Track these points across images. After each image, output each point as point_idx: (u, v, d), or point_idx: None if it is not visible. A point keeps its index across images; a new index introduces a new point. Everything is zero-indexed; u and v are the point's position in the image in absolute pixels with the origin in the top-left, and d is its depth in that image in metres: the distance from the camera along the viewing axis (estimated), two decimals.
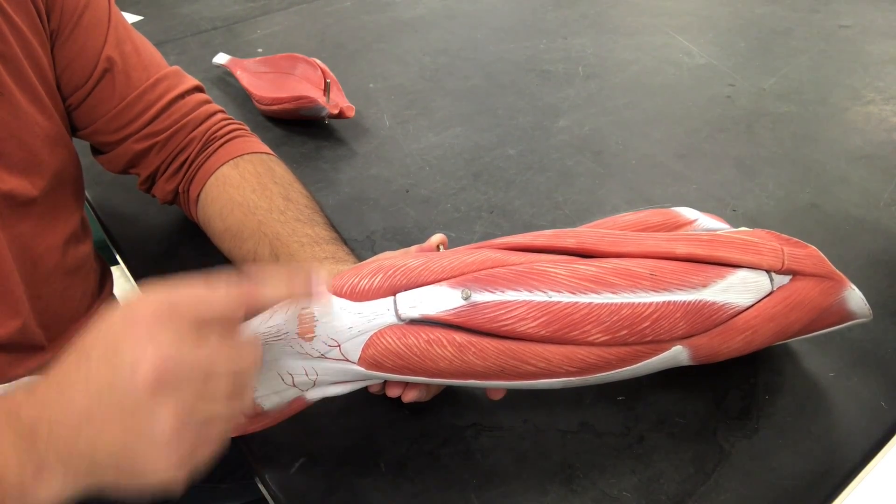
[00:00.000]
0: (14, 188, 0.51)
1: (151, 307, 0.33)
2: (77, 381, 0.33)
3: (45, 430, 0.33)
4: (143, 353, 0.32)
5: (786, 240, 0.46)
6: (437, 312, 0.40)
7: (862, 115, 0.81)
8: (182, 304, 0.34)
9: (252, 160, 0.61)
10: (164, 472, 0.33)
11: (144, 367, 0.31)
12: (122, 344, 0.32)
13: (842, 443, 0.46)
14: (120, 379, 0.31)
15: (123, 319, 0.33)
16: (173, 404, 0.32)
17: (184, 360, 0.32)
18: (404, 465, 0.46)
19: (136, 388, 0.31)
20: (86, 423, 0.32)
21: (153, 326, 0.32)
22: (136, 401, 0.31)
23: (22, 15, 0.51)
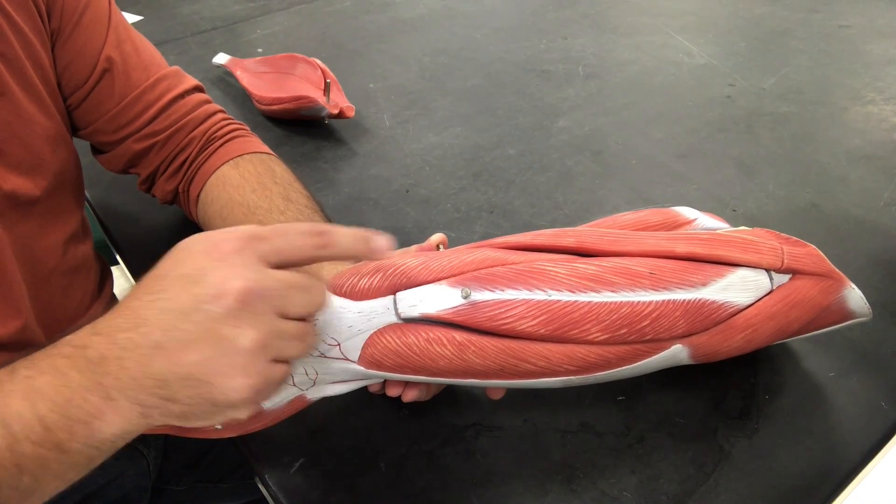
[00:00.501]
0: (16, 188, 0.51)
1: (234, 238, 0.35)
2: (150, 313, 0.34)
3: (114, 364, 0.34)
4: (227, 278, 0.34)
5: (785, 239, 0.46)
6: (436, 311, 0.40)
7: (862, 115, 0.81)
8: (263, 236, 0.36)
9: (252, 160, 0.61)
10: (241, 391, 0.34)
11: (230, 292, 0.33)
12: (206, 271, 0.34)
13: (842, 443, 0.46)
14: (203, 303, 0.33)
15: (205, 249, 0.35)
16: (254, 326, 0.34)
17: (265, 287, 0.35)
18: (404, 465, 0.46)
19: (221, 311, 0.33)
20: (160, 351, 0.33)
21: (236, 255, 0.35)
22: (221, 322, 0.33)
23: (23, 15, 0.51)
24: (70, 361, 0.34)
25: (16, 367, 0.35)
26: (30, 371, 0.34)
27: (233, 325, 0.34)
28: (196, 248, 0.36)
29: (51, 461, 0.34)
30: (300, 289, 0.37)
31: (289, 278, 0.36)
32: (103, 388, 0.34)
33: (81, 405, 0.34)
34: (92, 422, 0.34)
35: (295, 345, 0.37)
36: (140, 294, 0.35)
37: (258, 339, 0.34)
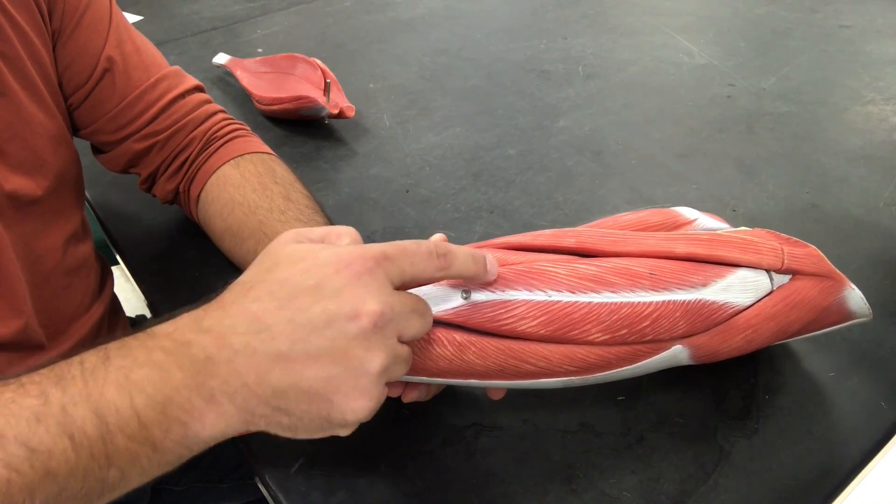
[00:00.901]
0: (18, 188, 0.51)
1: (368, 257, 0.35)
2: (276, 320, 0.33)
3: (223, 366, 0.33)
4: (364, 299, 0.34)
5: (785, 239, 0.46)
6: (437, 311, 0.40)
7: (862, 115, 0.81)
8: (392, 257, 0.36)
9: (253, 160, 0.61)
10: (360, 412, 0.35)
11: (367, 313, 0.33)
12: (342, 288, 0.34)
13: (842, 443, 0.46)
14: (338, 320, 0.33)
15: (335, 264, 0.34)
16: (383, 350, 0.34)
17: (395, 311, 0.35)
18: (404, 465, 0.46)
19: (356, 331, 0.33)
20: (283, 361, 0.33)
21: (369, 276, 0.34)
22: (353, 342, 0.33)
23: (24, 15, 0.51)
24: (172, 358, 0.33)
25: (109, 355, 0.34)
26: (125, 361, 0.34)
27: (364, 347, 0.34)
28: (322, 259, 0.35)
29: (141, 457, 0.33)
30: (419, 313, 0.37)
31: (412, 303, 0.37)
32: (208, 389, 0.33)
33: (182, 405, 0.33)
34: (190, 422, 0.33)
35: (402, 368, 0.37)
36: (260, 296, 0.34)
37: (384, 363, 0.34)
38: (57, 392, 0.33)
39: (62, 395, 0.33)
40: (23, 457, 0.31)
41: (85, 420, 0.32)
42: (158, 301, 0.61)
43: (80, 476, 0.32)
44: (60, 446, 0.32)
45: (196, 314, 0.35)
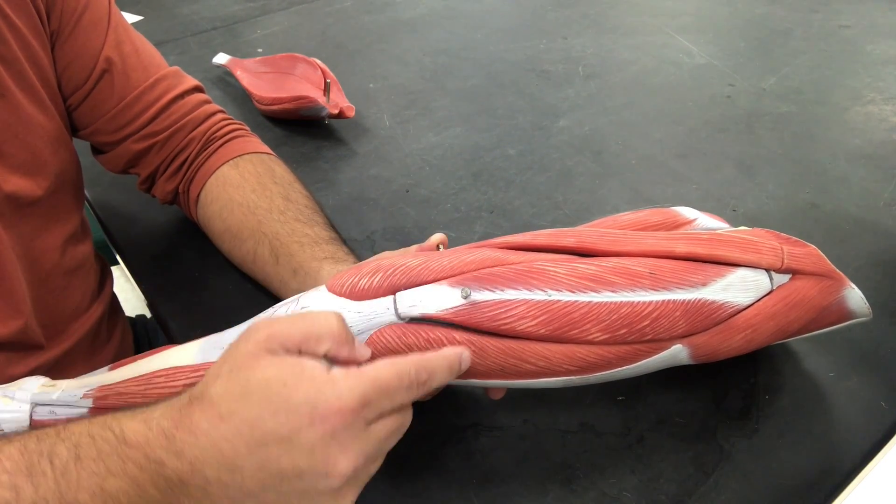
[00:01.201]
0: (17, 189, 0.51)
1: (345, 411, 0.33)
2: (246, 463, 0.33)
3: (197, 491, 0.33)
4: (337, 461, 0.33)
5: (785, 239, 0.46)
6: (436, 311, 0.40)
7: (862, 115, 0.81)
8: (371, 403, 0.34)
9: (252, 160, 0.61)
10: None
11: (338, 474, 0.33)
12: (314, 446, 0.32)
13: (842, 443, 0.46)
14: (307, 477, 0.33)
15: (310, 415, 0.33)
16: (356, 491, 0.35)
17: (369, 456, 0.34)
18: (404, 465, 0.46)
19: (325, 489, 0.33)
20: (255, 498, 0.33)
21: (344, 430, 0.33)
22: (322, 497, 0.34)
23: (22, 16, 0.51)
24: (146, 476, 0.33)
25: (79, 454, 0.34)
26: (97, 467, 0.34)
27: (334, 497, 0.34)
28: (295, 405, 0.33)
29: None
30: (395, 436, 0.37)
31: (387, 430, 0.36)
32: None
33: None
34: None
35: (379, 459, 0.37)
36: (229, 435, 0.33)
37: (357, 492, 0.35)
38: (29, 488, 0.33)
39: (34, 492, 0.33)
40: None
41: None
42: (158, 301, 0.61)
43: None
44: None
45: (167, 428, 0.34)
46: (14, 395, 0.42)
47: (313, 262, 0.52)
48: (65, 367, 0.57)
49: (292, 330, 0.35)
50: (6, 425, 0.41)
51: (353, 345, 0.37)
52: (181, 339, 0.49)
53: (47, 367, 0.55)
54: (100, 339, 0.62)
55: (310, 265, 0.52)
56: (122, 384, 0.42)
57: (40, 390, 0.42)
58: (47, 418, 0.41)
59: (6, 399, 0.41)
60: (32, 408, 0.41)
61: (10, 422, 0.41)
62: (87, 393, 0.42)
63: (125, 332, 0.68)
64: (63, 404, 0.42)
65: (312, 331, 0.35)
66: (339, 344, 0.36)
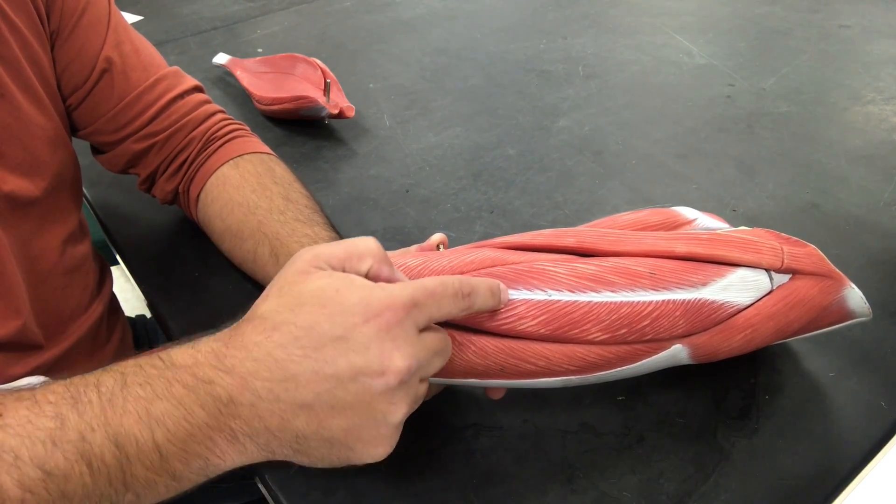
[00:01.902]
0: (16, 189, 0.51)
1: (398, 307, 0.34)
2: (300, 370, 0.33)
3: (246, 409, 0.33)
4: (391, 356, 0.33)
5: (785, 239, 0.46)
6: None
7: (862, 115, 0.81)
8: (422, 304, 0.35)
9: (252, 160, 0.61)
10: (379, 457, 0.35)
11: (394, 371, 0.33)
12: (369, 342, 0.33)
13: (842, 443, 0.46)
14: (364, 376, 0.33)
15: (364, 313, 0.33)
16: (406, 402, 0.35)
17: (421, 361, 0.35)
18: (404, 465, 0.46)
19: (381, 387, 0.33)
20: (307, 410, 0.33)
21: (398, 328, 0.34)
22: (378, 397, 0.33)
23: (22, 16, 0.51)
24: (192, 394, 0.33)
25: (126, 381, 0.34)
26: (144, 391, 0.33)
27: (389, 401, 0.34)
28: (349, 306, 0.33)
29: (159, 484, 0.33)
30: (442, 353, 0.37)
31: (436, 345, 0.36)
32: (230, 430, 0.33)
33: (204, 441, 0.33)
34: (211, 457, 0.34)
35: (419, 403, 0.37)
36: (284, 342, 0.33)
37: (406, 413, 0.35)
38: (73, 416, 0.33)
39: (79, 419, 0.33)
40: (38, 479, 0.31)
41: (103, 448, 0.32)
42: (158, 301, 0.61)
43: (95, 500, 0.32)
44: (77, 471, 0.32)
45: (216, 348, 0.34)
46: None
47: None
48: (64, 367, 0.57)
49: (335, 250, 0.36)
50: None
51: (393, 266, 0.38)
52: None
53: (47, 367, 0.55)
54: (99, 339, 0.62)
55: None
56: None
57: None
58: None
59: None
60: None
61: None
62: None
63: (125, 332, 0.68)
64: None
65: (355, 250, 0.37)
66: (379, 262, 0.37)
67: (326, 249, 0.36)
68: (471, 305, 0.38)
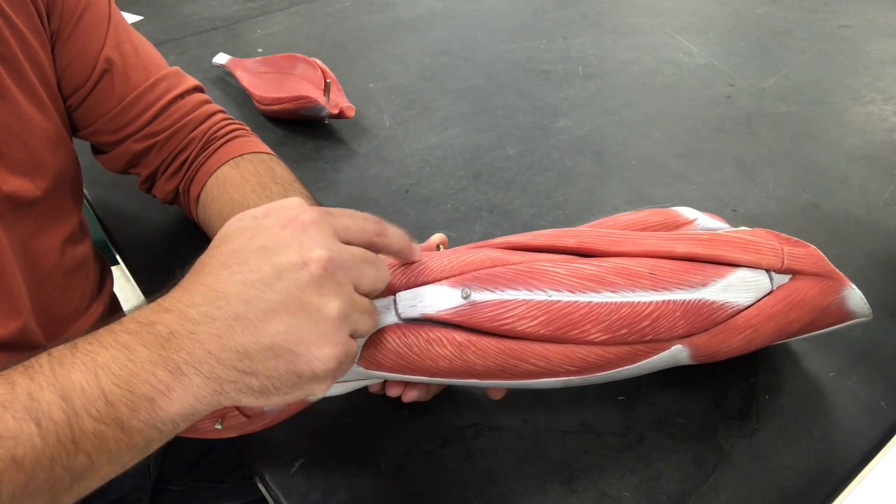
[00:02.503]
0: (16, 189, 0.51)
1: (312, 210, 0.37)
2: (229, 286, 0.34)
3: (186, 339, 0.33)
4: (311, 247, 0.35)
5: (785, 239, 0.46)
6: (436, 311, 0.40)
7: (862, 115, 0.81)
8: (335, 213, 0.38)
9: (252, 160, 0.61)
10: (327, 360, 0.35)
11: (315, 259, 0.35)
12: (289, 241, 0.35)
13: (842, 443, 0.46)
14: (288, 272, 0.34)
15: (281, 222, 0.36)
16: (338, 295, 0.35)
17: (343, 258, 0.36)
18: (404, 465, 0.46)
19: (307, 279, 0.34)
20: (242, 322, 0.33)
21: (314, 227, 0.36)
22: (306, 290, 0.34)
23: (22, 16, 0.51)
24: (136, 337, 0.34)
25: (77, 343, 0.35)
26: (91, 346, 0.34)
27: (318, 293, 0.34)
28: (267, 223, 0.36)
29: (109, 439, 0.33)
30: (370, 263, 0.38)
31: (361, 252, 0.38)
32: (173, 363, 0.33)
33: (148, 380, 0.33)
34: (157, 398, 0.33)
35: (366, 319, 0.38)
36: (213, 270, 0.35)
37: (342, 308, 0.35)
38: (24, 380, 0.33)
39: (29, 382, 0.33)
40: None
41: (51, 404, 0.32)
42: None
43: (46, 464, 0.32)
44: (26, 431, 0.31)
45: (158, 299, 0.36)
46: None
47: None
48: None
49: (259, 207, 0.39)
50: None
51: None
52: None
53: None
54: None
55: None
56: None
57: None
58: None
59: None
60: None
61: None
62: None
63: None
64: None
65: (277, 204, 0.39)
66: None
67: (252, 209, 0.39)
68: (382, 232, 0.39)
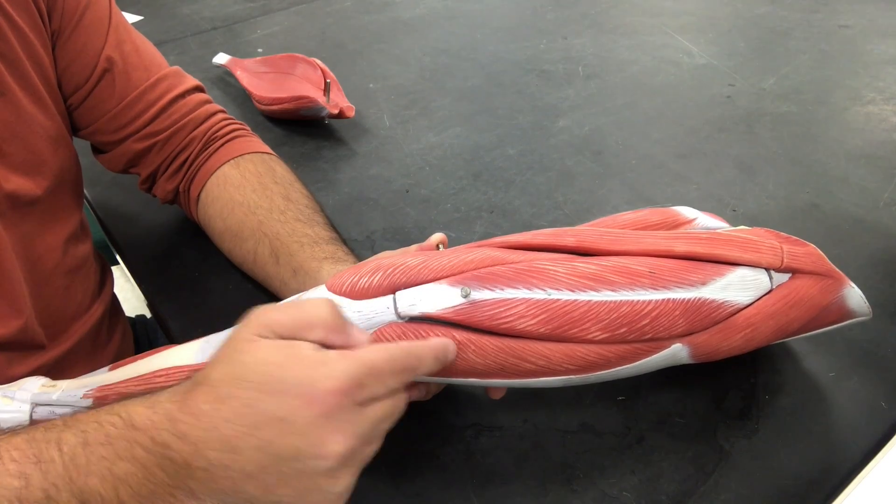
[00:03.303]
0: (17, 188, 0.51)
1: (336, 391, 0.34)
2: (244, 445, 0.33)
3: (201, 472, 0.33)
4: (330, 440, 0.33)
5: (785, 238, 0.46)
6: (436, 310, 0.40)
7: (862, 115, 0.81)
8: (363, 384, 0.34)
9: (253, 160, 0.61)
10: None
11: (333, 455, 0.33)
12: (308, 425, 0.33)
13: (842, 443, 0.46)
14: (304, 458, 0.33)
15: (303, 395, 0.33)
16: (351, 473, 0.35)
17: (363, 437, 0.35)
18: (404, 465, 0.46)
19: (322, 469, 0.34)
20: (254, 479, 0.33)
21: (337, 411, 0.33)
22: (319, 476, 0.34)
23: (23, 15, 0.51)
24: (153, 458, 0.34)
25: (87, 440, 0.35)
26: (106, 451, 0.34)
27: (332, 478, 0.34)
28: (290, 386, 0.33)
29: None
30: (389, 419, 0.37)
31: (382, 414, 0.36)
32: (189, 488, 0.34)
33: (166, 498, 0.34)
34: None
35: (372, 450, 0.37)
36: (229, 417, 0.33)
37: (351, 479, 0.35)
38: (37, 475, 0.33)
39: (42, 478, 0.33)
40: None
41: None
42: (158, 301, 0.61)
43: None
44: None
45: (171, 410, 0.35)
46: (14, 395, 0.42)
47: (313, 262, 0.52)
48: (65, 368, 0.57)
49: (283, 317, 0.36)
50: (6, 425, 0.41)
51: (347, 331, 0.38)
52: (181, 339, 0.49)
53: (48, 367, 0.55)
54: (100, 340, 0.62)
55: (310, 265, 0.52)
56: (122, 384, 0.42)
57: (40, 390, 0.42)
58: (47, 418, 0.41)
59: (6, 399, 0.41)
60: (33, 408, 0.41)
61: (11, 422, 0.41)
62: (87, 393, 0.42)
63: (125, 333, 0.68)
64: (63, 404, 0.42)
65: (303, 318, 0.36)
66: (329, 331, 0.36)
67: (275, 315, 0.36)
68: (416, 375, 0.38)
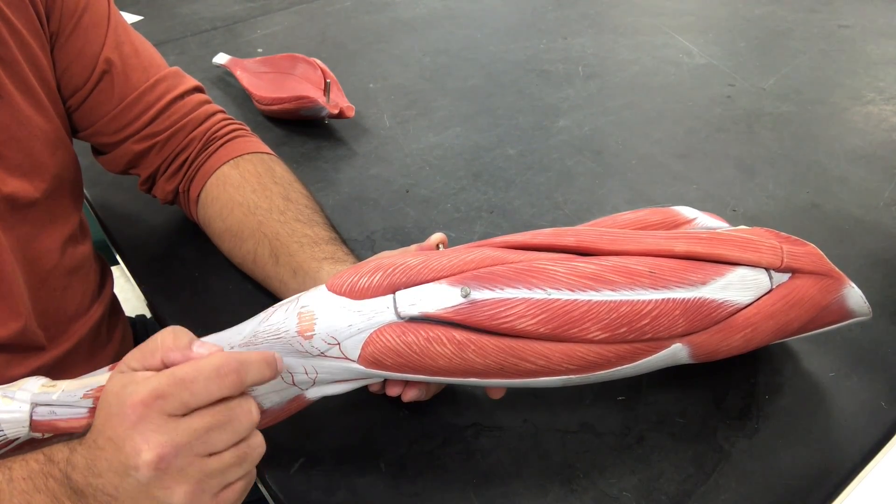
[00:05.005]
0: (16, 190, 0.51)
1: (137, 403, 0.36)
2: (102, 467, 0.36)
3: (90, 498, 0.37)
4: (138, 451, 0.35)
5: (785, 238, 0.46)
6: (436, 310, 0.40)
7: (862, 115, 0.81)
8: (166, 394, 0.36)
9: (252, 160, 0.61)
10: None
11: (143, 464, 0.35)
12: (123, 440, 0.35)
13: (842, 443, 0.46)
14: (130, 470, 0.35)
15: (118, 414, 0.36)
16: (182, 481, 0.36)
17: (178, 444, 0.35)
18: (404, 465, 0.46)
19: (145, 479, 0.35)
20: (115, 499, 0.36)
21: (142, 422, 0.35)
22: (149, 487, 0.35)
23: (21, 18, 0.51)
24: (63, 489, 0.38)
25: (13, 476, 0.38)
26: (26, 485, 0.38)
27: (160, 487, 0.35)
28: (112, 408, 0.36)
29: None
30: (219, 426, 0.37)
31: (204, 422, 0.36)
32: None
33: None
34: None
35: (236, 470, 0.38)
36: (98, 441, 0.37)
37: (190, 490, 0.36)
38: None
39: None
40: None
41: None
42: (158, 301, 0.61)
43: None
44: None
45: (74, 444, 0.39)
46: (14, 395, 0.42)
47: (313, 263, 0.52)
48: (65, 368, 0.57)
49: (135, 351, 0.39)
50: (6, 425, 0.41)
51: (187, 350, 0.39)
52: None
53: (48, 367, 0.55)
54: (100, 340, 0.62)
55: (309, 265, 0.52)
56: None
57: (41, 390, 0.42)
58: (47, 418, 0.41)
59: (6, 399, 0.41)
60: (33, 408, 0.41)
61: (11, 422, 0.41)
62: (87, 393, 0.42)
63: (125, 333, 0.68)
64: (63, 404, 0.42)
65: (147, 348, 0.39)
66: (168, 351, 0.38)
67: (132, 352, 0.39)
68: (241, 381, 0.37)
